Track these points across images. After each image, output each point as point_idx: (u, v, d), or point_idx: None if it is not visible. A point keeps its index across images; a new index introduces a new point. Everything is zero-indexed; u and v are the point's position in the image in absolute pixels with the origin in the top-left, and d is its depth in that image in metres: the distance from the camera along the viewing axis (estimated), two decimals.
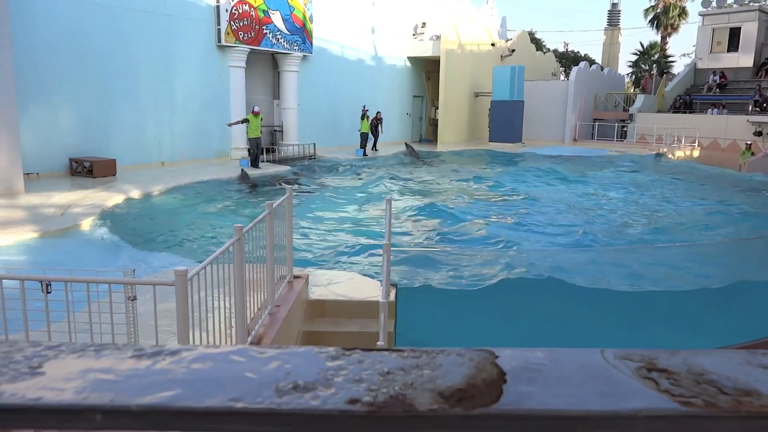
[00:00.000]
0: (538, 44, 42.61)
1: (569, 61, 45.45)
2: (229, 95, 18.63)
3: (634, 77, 45.68)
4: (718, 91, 29.78)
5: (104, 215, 10.11)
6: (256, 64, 20.06)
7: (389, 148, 23.45)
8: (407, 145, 23.90)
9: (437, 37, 26.43)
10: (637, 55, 46.75)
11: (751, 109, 26.73)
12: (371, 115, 22.14)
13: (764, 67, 29.50)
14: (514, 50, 30.28)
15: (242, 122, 16.82)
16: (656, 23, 42.22)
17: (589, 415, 0.44)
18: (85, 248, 8.17)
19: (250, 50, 19.01)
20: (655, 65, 42.71)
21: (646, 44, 46.28)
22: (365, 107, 22.03)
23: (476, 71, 28.12)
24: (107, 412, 0.44)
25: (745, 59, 29.97)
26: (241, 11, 18.43)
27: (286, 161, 18.73)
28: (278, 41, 19.90)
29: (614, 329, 7.12)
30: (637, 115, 28.55)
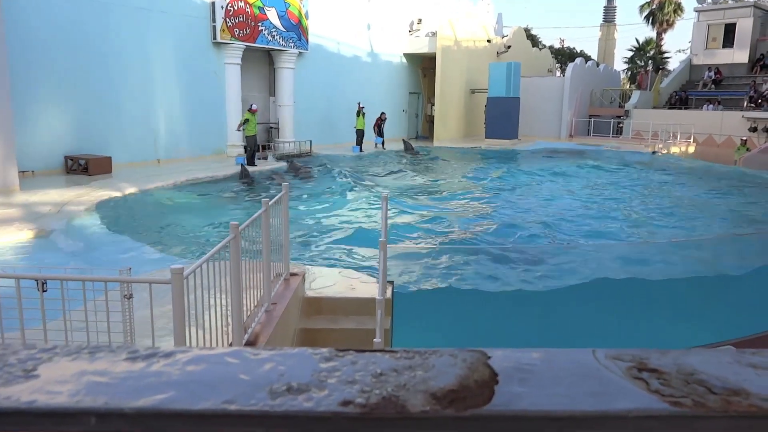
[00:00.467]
0: (534, 41, 42.64)
1: (565, 57, 45.57)
2: (224, 92, 18.59)
3: (629, 73, 45.82)
4: (713, 87, 29.83)
5: (100, 212, 10.09)
6: (251, 61, 20.00)
7: (386, 144, 23.40)
8: (405, 141, 23.89)
9: (433, 33, 26.38)
10: (632, 51, 46.87)
11: (746, 104, 26.76)
12: (369, 114, 22.11)
13: (759, 63, 29.55)
14: (510, 47, 30.25)
15: (244, 123, 16.81)
16: (652, 19, 42.25)
17: (579, 415, 0.45)
18: (79, 245, 8.14)
19: (245, 47, 18.95)
20: (650, 61, 42.77)
21: (641, 40, 46.44)
22: (361, 104, 22.01)
23: (472, 68, 28.07)
24: (101, 415, 0.45)
25: (740, 55, 30.03)
26: (236, 8, 18.36)
27: (282, 158, 18.70)
28: (274, 38, 19.84)
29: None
30: (632, 111, 28.58)
